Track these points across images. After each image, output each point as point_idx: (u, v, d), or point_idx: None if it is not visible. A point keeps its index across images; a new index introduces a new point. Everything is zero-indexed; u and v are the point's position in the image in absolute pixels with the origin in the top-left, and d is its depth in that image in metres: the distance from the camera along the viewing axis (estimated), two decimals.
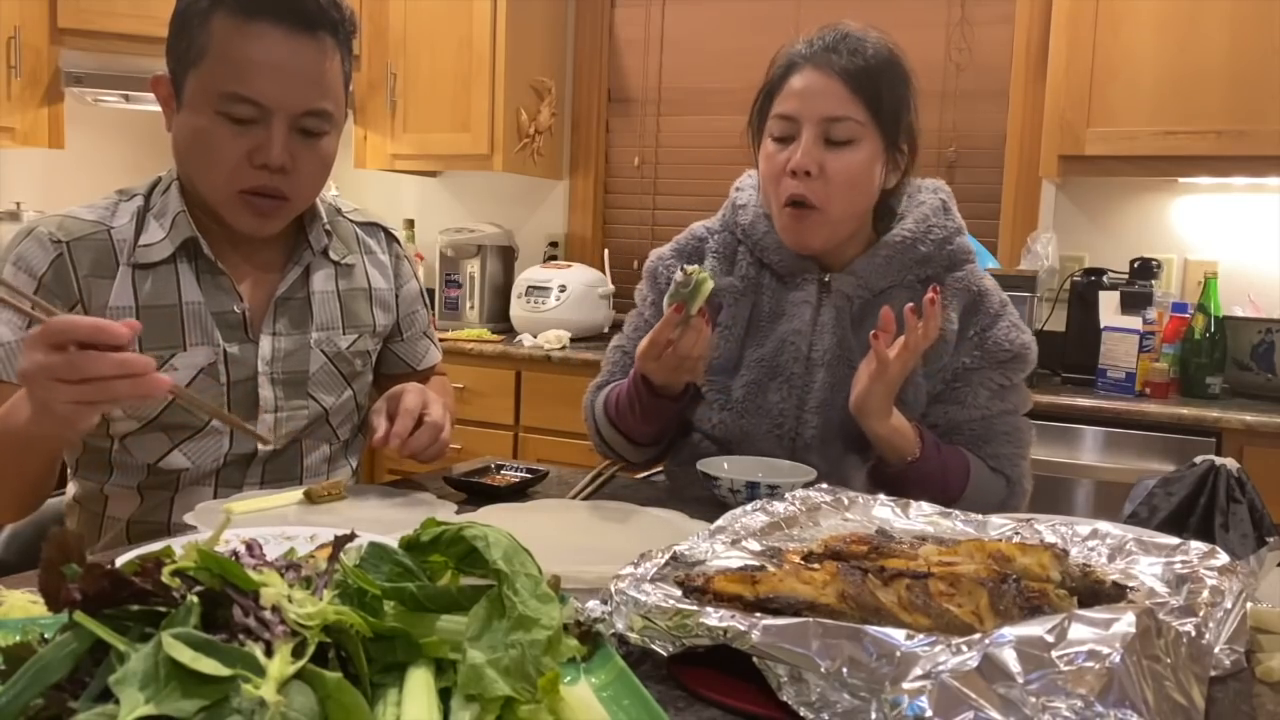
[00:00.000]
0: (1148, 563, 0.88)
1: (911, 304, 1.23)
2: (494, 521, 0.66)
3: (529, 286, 3.25)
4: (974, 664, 0.60)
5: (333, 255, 1.38)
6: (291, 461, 1.35)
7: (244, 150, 1.19)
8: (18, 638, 0.58)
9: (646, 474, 1.59)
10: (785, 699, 0.65)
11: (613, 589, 0.75)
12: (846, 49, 1.34)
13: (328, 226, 1.38)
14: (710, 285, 1.23)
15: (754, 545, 0.91)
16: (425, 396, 1.28)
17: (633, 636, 0.72)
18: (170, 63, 1.22)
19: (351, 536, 0.65)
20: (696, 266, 1.25)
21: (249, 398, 1.29)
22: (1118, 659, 0.59)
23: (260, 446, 1.29)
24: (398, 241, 1.51)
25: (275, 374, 1.31)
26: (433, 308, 2.57)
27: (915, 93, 1.40)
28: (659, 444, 1.47)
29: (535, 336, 3.13)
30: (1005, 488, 1.39)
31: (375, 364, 1.47)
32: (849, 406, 1.31)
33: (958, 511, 1.04)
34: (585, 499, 1.30)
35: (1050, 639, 0.61)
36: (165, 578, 0.54)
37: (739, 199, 1.50)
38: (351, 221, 1.44)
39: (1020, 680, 0.59)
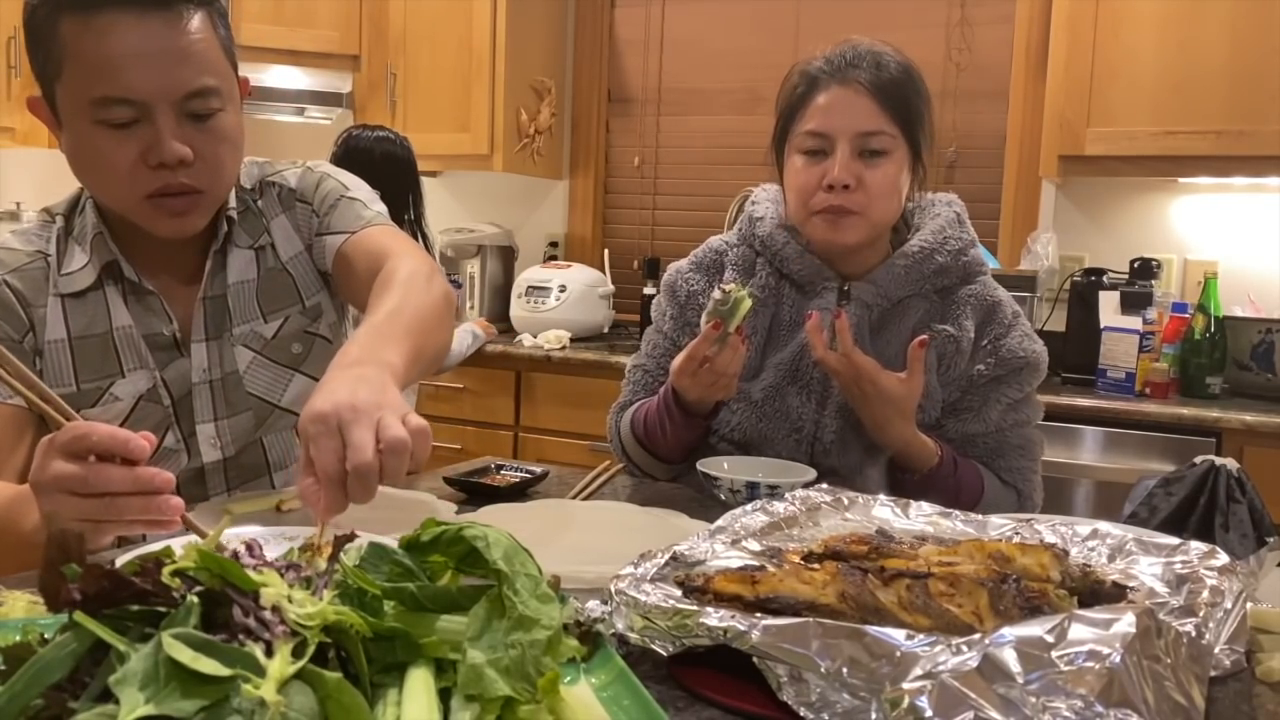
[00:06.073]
0: (1148, 563, 0.87)
1: (920, 339, 1.28)
2: (494, 521, 0.66)
3: (529, 286, 3.25)
4: (974, 664, 0.60)
5: (239, 243, 1.26)
6: (255, 461, 1.29)
7: (135, 154, 1.10)
8: (18, 638, 0.58)
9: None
10: (785, 699, 0.64)
11: (613, 589, 0.75)
12: (868, 64, 1.36)
13: (231, 213, 1.25)
14: (749, 304, 1.26)
15: (754, 545, 0.90)
16: (337, 420, 0.86)
17: (633, 636, 0.72)
18: (38, 81, 1.14)
19: (351, 536, 0.65)
20: (735, 285, 1.27)
21: (192, 412, 1.24)
22: (1118, 659, 0.59)
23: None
24: (289, 187, 1.30)
25: (213, 380, 1.25)
26: None
27: (931, 106, 1.42)
28: (688, 460, 1.47)
29: (535, 336, 3.13)
30: (1016, 502, 1.41)
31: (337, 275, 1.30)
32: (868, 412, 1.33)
33: (958, 512, 1.04)
34: (585, 499, 1.30)
35: (1050, 639, 0.61)
36: (165, 578, 0.54)
37: (755, 211, 1.51)
38: (247, 190, 1.29)
39: (1020, 680, 0.59)
